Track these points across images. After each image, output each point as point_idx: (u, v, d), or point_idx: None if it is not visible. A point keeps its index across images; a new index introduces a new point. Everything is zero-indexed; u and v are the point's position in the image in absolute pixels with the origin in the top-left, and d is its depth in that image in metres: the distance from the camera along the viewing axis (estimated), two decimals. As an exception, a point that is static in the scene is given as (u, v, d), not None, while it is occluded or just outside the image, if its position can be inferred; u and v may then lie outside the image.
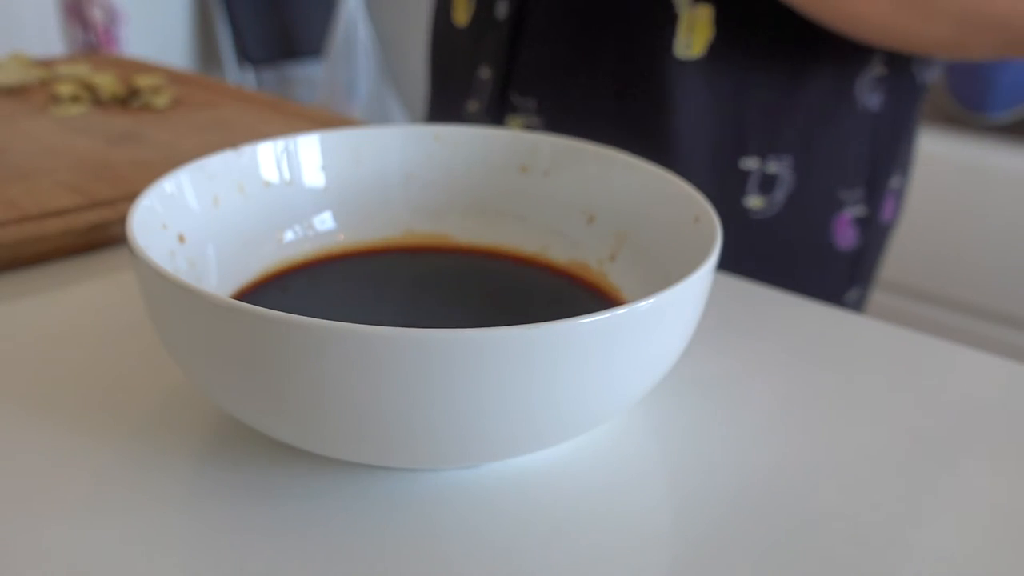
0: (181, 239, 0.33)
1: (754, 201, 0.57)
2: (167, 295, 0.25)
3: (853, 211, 0.59)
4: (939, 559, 0.26)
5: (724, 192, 0.56)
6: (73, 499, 0.27)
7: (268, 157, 0.37)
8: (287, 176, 0.37)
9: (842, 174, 0.59)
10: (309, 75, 2.44)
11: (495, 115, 0.61)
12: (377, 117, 2.26)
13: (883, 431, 0.32)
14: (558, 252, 0.38)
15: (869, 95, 0.57)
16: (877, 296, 1.49)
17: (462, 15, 0.62)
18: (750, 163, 0.56)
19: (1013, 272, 1.38)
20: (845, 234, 0.60)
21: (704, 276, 0.27)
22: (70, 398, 0.32)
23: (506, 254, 0.39)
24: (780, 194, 0.57)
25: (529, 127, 0.60)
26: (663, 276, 0.30)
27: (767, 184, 0.57)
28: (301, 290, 0.36)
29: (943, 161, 1.40)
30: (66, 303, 0.39)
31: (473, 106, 0.62)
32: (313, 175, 0.38)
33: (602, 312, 0.24)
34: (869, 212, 0.60)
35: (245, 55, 2.25)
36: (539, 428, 0.26)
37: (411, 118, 2.34)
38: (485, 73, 0.60)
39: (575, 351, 0.24)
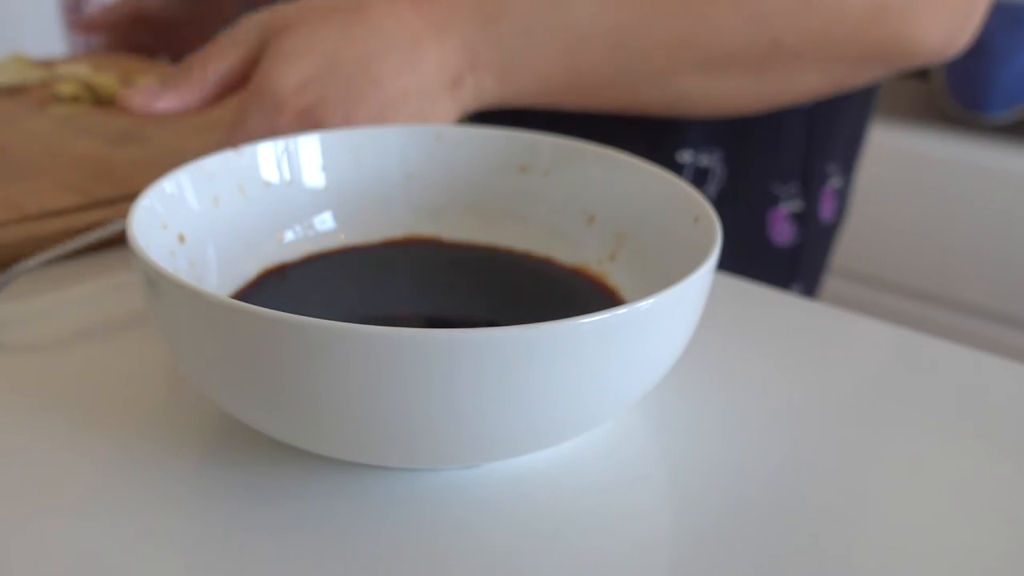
0: (181, 239, 0.33)
1: None
2: (167, 295, 0.25)
3: (789, 206, 0.60)
4: (940, 559, 0.26)
5: None
6: (73, 498, 0.27)
7: (268, 157, 0.37)
8: (287, 176, 0.37)
9: (776, 168, 0.59)
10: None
11: None
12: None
13: (884, 431, 0.32)
14: (558, 252, 0.38)
15: None
16: (876, 296, 1.49)
17: None
18: (686, 156, 0.57)
19: (1013, 272, 1.38)
20: (782, 229, 0.60)
21: (704, 276, 0.27)
22: (70, 398, 0.32)
23: (506, 254, 0.39)
24: (712, 187, 0.58)
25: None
26: (663, 276, 0.30)
27: (700, 177, 0.57)
28: (301, 289, 0.36)
29: (943, 161, 1.40)
30: (66, 303, 0.39)
31: None
32: (313, 175, 0.38)
33: (602, 312, 0.24)
34: (806, 208, 0.61)
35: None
36: (539, 428, 0.26)
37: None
38: None
39: (575, 351, 0.24)
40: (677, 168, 0.57)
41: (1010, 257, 1.38)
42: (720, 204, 0.57)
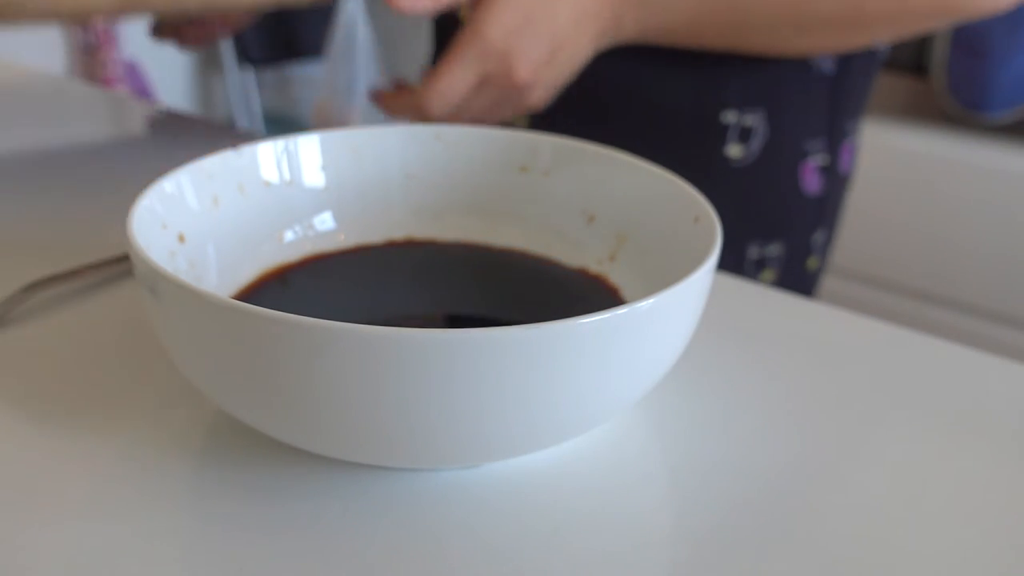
0: (181, 239, 0.33)
1: (733, 149, 0.64)
2: (167, 295, 0.25)
3: (817, 160, 0.67)
4: (939, 559, 0.26)
5: (706, 142, 0.64)
6: (73, 498, 0.27)
7: (268, 157, 0.37)
8: (287, 176, 0.37)
9: (807, 127, 0.66)
10: (309, 75, 2.44)
11: None
12: (377, 117, 2.26)
13: (883, 431, 0.32)
14: (558, 252, 0.38)
15: (822, 60, 0.64)
16: (877, 296, 1.49)
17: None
18: (730, 117, 0.63)
19: (1013, 272, 1.38)
20: (811, 181, 0.67)
21: (704, 276, 0.27)
22: (70, 397, 0.32)
23: (506, 254, 0.39)
24: (756, 144, 0.64)
25: None
26: (663, 276, 0.30)
27: (745, 135, 0.64)
28: (301, 289, 0.36)
29: (943, 161, 1.40)
30: (67, 302, 0.39)
31: None
32: (313, 175, 0.38)
33: (602, 312, 0.24)
34: (831, 161, 0.68)
35: (245, 55, 2.25)
36: (539, 428, 0.26)
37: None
38: None
39: (575, 351, 0.24)
40: (722, 129, 0.63)
41: (1010, 257, 1.38)
42: (763, 158, 0.65)
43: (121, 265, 0.40)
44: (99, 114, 0.71)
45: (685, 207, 0.33)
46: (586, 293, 0.36)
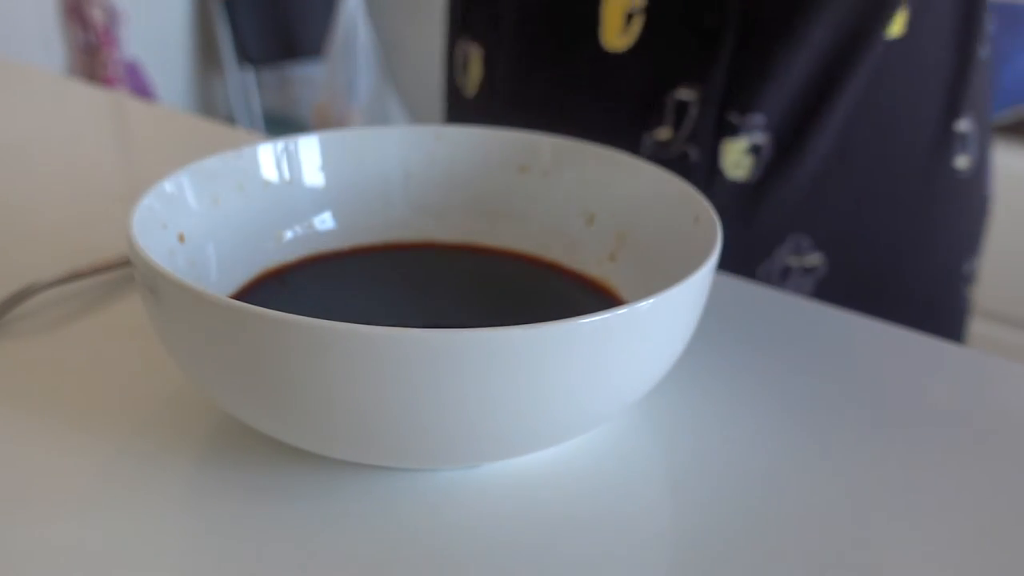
0: (181, 239, 0.33)
1: (961, 160, 0.59)
2: (167, 295, 0.25)
3: (990, 157, 0.64)
4: (939, 560, 0.26)
5: (939, 154, 0.59)
6: (73, 498, 0.27)
7: (268, 157, 0.37)
8: (287, 176, 0.37)
9: (986, 123, 0.63)
10: (309, 75, 2.44)
11: (706, 139, 0.55)
12: (377, 117, 2.26)
13: (883, 431, 0.32)
14: (558, 252, 0.38)
15: (981, 50, 0.60)
16: (877, 296, 1.49)
17: (619, 39, 0.57)
18: (961, 125, 0.59)
19: (1013, 273, 1.38)
20: (989, 181, 0.64)
21: (704, 276, 0.27)
22: (71, 398, 0.32)
23: (506, 254, 0.39)
24: (974, 151, 0.60)
25: (755, 145, 0.55)
26: (663, 276, 0.30)
27: (964, 143, 0.60)
28: (301, 289, 0.36)
29: (943, 161, 1.40)
30: (67, 302, 0.39)
31: (664, 133, 0.56)
32: (313, 175, 0.38)
33: (602, 312, 0.24)
34: (986, 156, 0.65)
35: (245, 55, 2.25)
36: (539, 428, 0.26)
37: (411, 118, 2.34)
38: (686, 95, 0.55)
39: (575, 351, 0.24)
40: (952, 136, 0.59)
41: (1010, 257, 1.38)
42: (977, 167, 0.61)
43: (121, 265, 0.40)
44: (99, 114, 0.71)
45: (685, 207, 0.33)
46: (586, 293, 0.36)
